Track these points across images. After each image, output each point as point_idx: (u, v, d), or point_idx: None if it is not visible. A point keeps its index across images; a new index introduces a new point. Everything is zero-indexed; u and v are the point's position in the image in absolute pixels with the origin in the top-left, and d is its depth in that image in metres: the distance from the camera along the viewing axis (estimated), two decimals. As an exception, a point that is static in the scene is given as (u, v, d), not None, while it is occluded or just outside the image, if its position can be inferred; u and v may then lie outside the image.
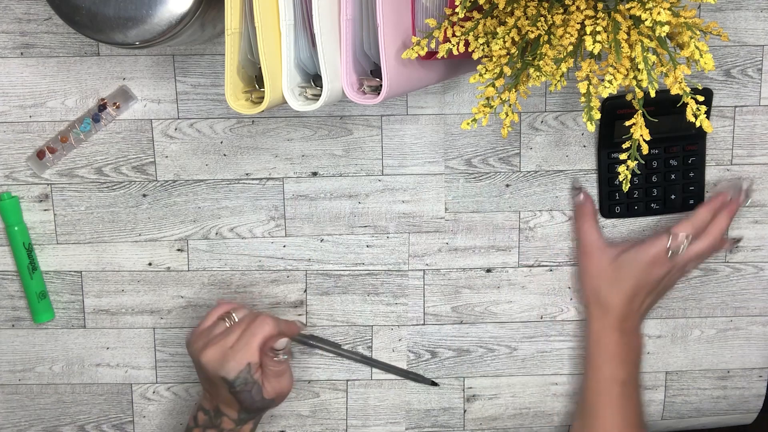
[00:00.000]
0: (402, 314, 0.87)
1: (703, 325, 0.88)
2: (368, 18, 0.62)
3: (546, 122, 0.83)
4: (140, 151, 0.82)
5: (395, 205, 0.84)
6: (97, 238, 0.84)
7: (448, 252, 0.86)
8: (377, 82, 0.63)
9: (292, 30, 0.62)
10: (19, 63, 0.80)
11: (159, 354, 0.86)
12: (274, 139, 0.82)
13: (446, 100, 0.82)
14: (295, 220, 0.84)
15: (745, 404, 0.91)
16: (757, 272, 0.87)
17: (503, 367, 0.88)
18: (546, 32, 0.60)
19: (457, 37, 0.61)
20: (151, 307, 0.86)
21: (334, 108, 0.82)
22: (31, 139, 0.81)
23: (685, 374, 0.89)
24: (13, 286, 0.85)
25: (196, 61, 0.80)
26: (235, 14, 0.61)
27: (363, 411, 0.88)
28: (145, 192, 0.83)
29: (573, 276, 0.85)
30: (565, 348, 0.88)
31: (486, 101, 0.62)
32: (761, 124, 0.84)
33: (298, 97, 0.64)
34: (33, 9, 0.79)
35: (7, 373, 0.86)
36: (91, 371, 0.87)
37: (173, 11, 0.62)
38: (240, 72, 0.63)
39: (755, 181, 0.85)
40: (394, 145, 0.83)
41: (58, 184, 0.82)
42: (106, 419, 0.88)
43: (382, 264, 0.85)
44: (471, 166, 0.84)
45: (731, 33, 0.82)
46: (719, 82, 0.83)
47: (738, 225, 0.86)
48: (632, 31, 0.59)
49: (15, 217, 0.82)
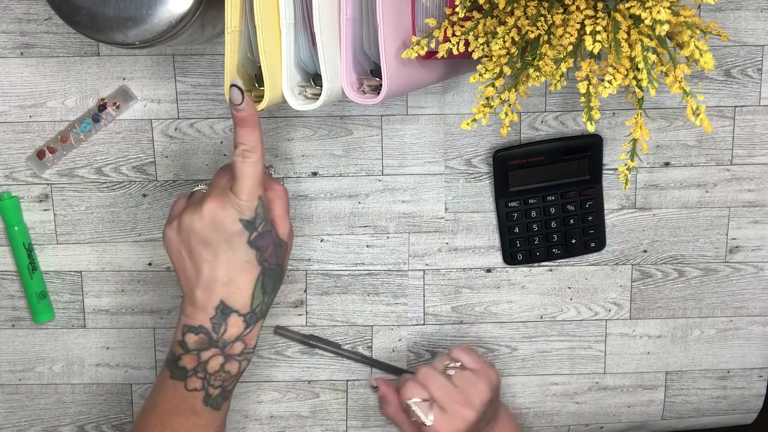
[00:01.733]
0: (402, 314, 0.87)
1: (703, 325, 0.88)
2: (368, 17, 0.62)
3: (546, 122, 0.83)
4: (140, 151, 0.82)
5: (395, 205, 0.84)
6: (97, 238, 0.84)
7: (448, 252, 0.86)
8: (377, 82, 0.63)
9: (292, 29, 0.62)
10: (19, 63, 0.80)
11: (159, 354, 0.86)
12: (274, 139, 0.82)
13: (446, 100, 0.82)
14: (295, 220, 0.84)
15: (745, 404, 0.91)
16: (757, 272, 0.87)
17: (503, 367, 0.88)
18: (546, 32, 0.60)
19: (457, 36, 0.61)
20: (151, 307, 0.86)
21: (334, 108, 0.82)
22: (31, 139, 0.81)
23: (685, 374, 0.89)
24: (13, 286, 0.85)
25: (196, 61, 0.80)
26: (235, 13, 0.61)
27: (363, 411, 0.88)
28: (145, 192, 0.83)
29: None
30: (565, 348, 0.88)
31: (486, 101, 0.62)
32: (761, 124, 0.84)
33: (297, 96, 0.64)
34: (33, 9, 0.79)
35: (7, 373, 0.86)
36: (91, 371, 0.87)
37: (173, 11, 0.63)
38: (240, 71, 0.63)
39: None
40: (394, 145, 0.83)
41: (58, 184, 0.82)
42: (106, 419, 0.88)
43: (382, 264, 0.85)
44: (471, 166, 0.84)
45: (731, 33, 0.82)
46: (719, 82, 0.83)
47: (738, 225, 0.86)
48: (632, 30, 0.59)
49: (15, 217, 0.82)
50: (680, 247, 0.86)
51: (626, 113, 0.83)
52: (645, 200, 0.85)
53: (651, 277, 0.87)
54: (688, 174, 0.85)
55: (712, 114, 0.83)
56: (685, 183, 0.85)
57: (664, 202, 0.85)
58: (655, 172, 0.85)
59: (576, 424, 0.90)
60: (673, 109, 0.83)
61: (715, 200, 0.85)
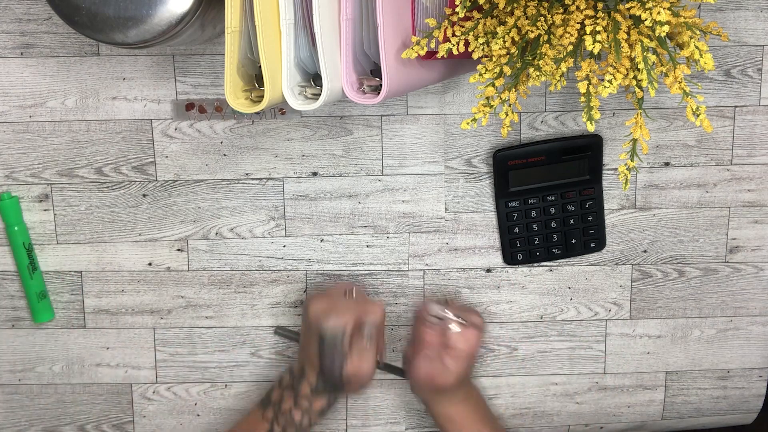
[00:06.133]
0: (402, 314, 0.87)
1: (703, 325, 0.88)
2: (368, 18, 0.62)
3: (546, 122, 0.83)
4: (140, 151, 0.82)
5: (395, 205, 0.84)
6: (97, 238, 0.84)
7: (448, 252, 0.86)
8: (377, 82, 0.63)
9: (292, 29, 0.62)
10: (19, 63, 0.80)
11: (159, 354, 0.86)
12: (274, 139, 0.82)
13: (446, 100, 0.82)
14: (295, 220, 0.84)
15: (745, 404, 0.91)
16: (757, 272, 0.87)
17: (503, 367, 0.88)
18: (546, 32, 0.60)
19: (457, 36, 0.61)
20: (151, 307, 0.86)
21: (334, 108, 0.82)
22: (31, 139, 0.81)
23: (685, 374, 0.89)
24: (13, 286, 0.85)
25: (196, 61, 0.80)
26: (236, 13, 0.61)
27: (363, 411, 0.88)
28: (145, 192, 0.83)
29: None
30: (565, 348, 0.88)
31: (486, 101, 0.62)
32: (761, 124, 0.84)
33: (297, 96, 0.64)
34: (33, 9, 0.79)
35: (7, 373, 0.86)
36: (91, 371, 0.87)
37: (173, 11, 0.62)
38: (240, 71, 0.63)
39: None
40: (394, 145, 0.83)
41: (58, 184, 0.82)
42: (106, 419, 0.88)
43: (382, 264, 0.85)
44: (471, 166, 0.84)
45: (731, 33, 0.82)
46: (719, 82, 0.83)
47: (738, 225, 0.86)
48: (632, 30, 0.59)
49: (15, 217, 0.82)
50: (680, 247, 0.86)
51: (626, 113, 0.83)
52: (645, 200, 0.85)
53: (651, 277, 0.87)
54: (688, 174, 0.85)
55: (712, 114, 0.83)
56: (685, 183, 0.85)
57: (664, 202, 0.85)
58: (655, 172, 0.85)
59: (576, 424, 0.90)
60: (673, 109, 0.83)
61: (715, 200, 0.85)
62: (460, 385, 0.79)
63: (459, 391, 0.80)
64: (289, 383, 0.78)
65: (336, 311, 0.75)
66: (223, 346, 0.87)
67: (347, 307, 0.76)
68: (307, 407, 0.77)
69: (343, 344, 0.74)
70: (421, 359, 0.78)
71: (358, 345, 0.75)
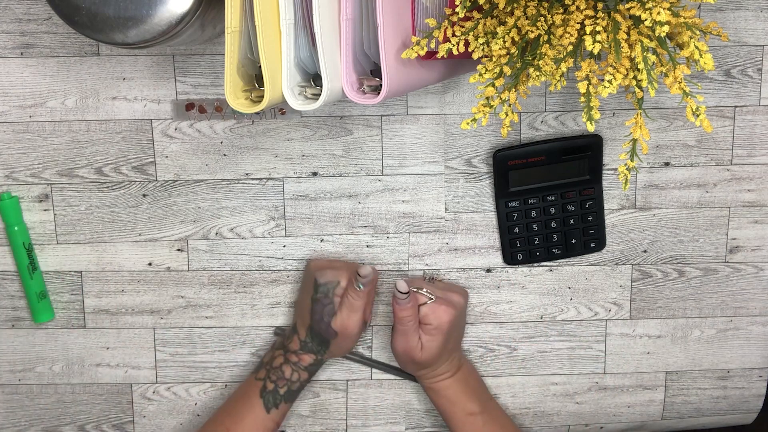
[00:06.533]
0: (402, 314, 0.87)
1: (703, 325, 0.88)
2: (368, 18, 0.62)
3: (546, 122, 0.83)
4: (140, 151, 0.82)
5: (395, 205, 0.84)
6: (97, 238, 0.84)
7: (448, 252, 0.86)
8: (377, 82, 0.63)
9: (292, 29, 0.62)
10: (19, 63, 0.80)
11: (159, 354, 0.86)
12: (274, 139, 0.82)
13: (446, 100, 0.82)
14: (295, 220, 0.84)
15: (745, 404, 0.91)
16: (757, 272, 0.87)
17: (503, 367, 0.88)
18: (546, 32, 0.60)
19: (457, 37, 0.61)
20: (151, 307, 0.86)
21: (334, 108, 0.82)
22: (31, 139, 0.81)
23: (685, 374, 0.89)
24: (13, 286, 0.85)
25: (196, 61, 0.80)
26: (236, 12, 0.61)
27: (363, 411, 0.88)
28: (145, 192, 0.83)
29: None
30: (565, 348, 0.88)
31: (486, 101, 0.62)
32: (761, 124, 0.84)
33: (297, 96, 0.64)
34: (33, 9, 0.79)
35: (7, 373, 0.86)
36: (91, 371, 0.87)
37: (173, 11, 0.62)
38: (240, 71, 0.63)
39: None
40: (394, 145, 0.83)
41: (58, 184, 0.82)
42: (106, 419, 0.88)
43: (382, 264, 0.85)
44: (471, 166, 0.84)
45: (731, 33, 0.82)
46: (719, 82, 0.83)
47: (738, 225, 0.86)
48: (632, 31, 0.59)
49: (15, 217, 0.82)
50: (680, 247, 0.86)
51: (626, 113, 0.83)
52: (645, 200, 0.85)
53: (651, 277, 0.87)
54: (688, 174, 0.85)
55: (712, 114, 0.83)
56: (685, 183, 0.85)
57: (664, 202, 0.85)
58: (655, 172, 0.85)
59: (576, 424, 0.90)
60: (673, 109, 0.83)
61: (715, 200, 0.85)
62: (442, 360, 0.81)
63: (443, 365, 0.81)
64: (280, 344, 0.82)
65: (332, 267, 0.80)
66: (223, 346, 0.87)
67: (343, 266, 0.81)
68: (296, 362, 0.80)
69: (335, 296, 0.79)
70: (397, 335, 0.79)
71: (348, 302, 0.78)
